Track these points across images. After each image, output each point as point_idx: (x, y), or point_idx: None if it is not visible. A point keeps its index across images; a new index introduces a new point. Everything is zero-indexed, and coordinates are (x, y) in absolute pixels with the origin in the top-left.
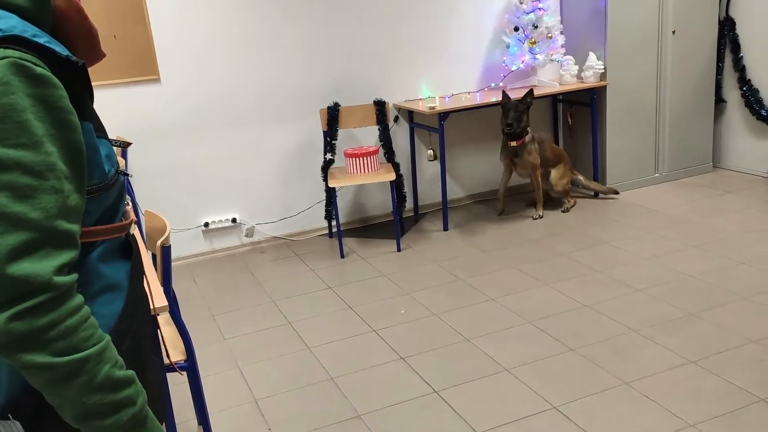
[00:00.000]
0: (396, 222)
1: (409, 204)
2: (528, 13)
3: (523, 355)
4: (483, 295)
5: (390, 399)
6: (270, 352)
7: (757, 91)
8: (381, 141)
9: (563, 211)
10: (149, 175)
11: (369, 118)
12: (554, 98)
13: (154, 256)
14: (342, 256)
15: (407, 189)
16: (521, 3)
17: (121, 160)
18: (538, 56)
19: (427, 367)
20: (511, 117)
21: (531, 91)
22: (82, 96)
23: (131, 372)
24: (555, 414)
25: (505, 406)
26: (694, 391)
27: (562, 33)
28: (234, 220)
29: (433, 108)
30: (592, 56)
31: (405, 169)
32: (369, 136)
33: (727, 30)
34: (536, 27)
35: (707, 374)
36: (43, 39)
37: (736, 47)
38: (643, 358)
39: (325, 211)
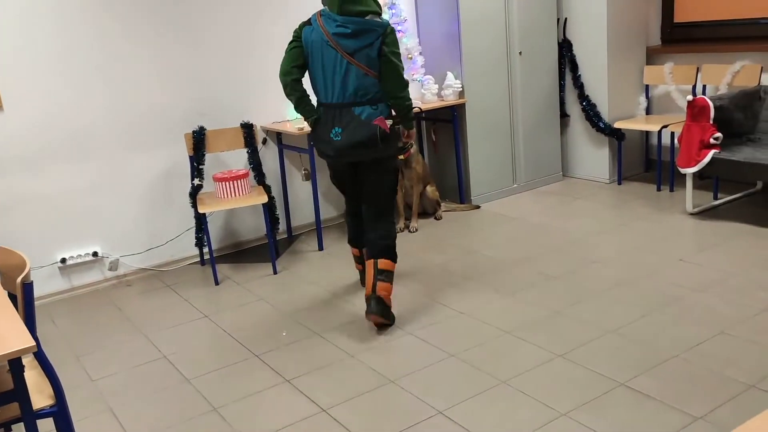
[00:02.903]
0: (270, 245)
1: (282, 226)
2: None
3: (406, 365)
4: (362, 311)
5: (278, 423)
6: (145, 389)
7: (594, 105)
8: (250, 164)
9: (437, 218)
10: None
11: (237, 141)
12: (418, 116)
13: (12, 296)
14: (216, 283)
15: (279, 211)
16: None
17: None
18: None
19: (313, 387)
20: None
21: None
22: None
23: None
24: (441, 419)
25: (393, 417)
26: (563, 382)
27: (421, 54)
28: (95, 254)
29: (301, 129)
30: (450, 75)
31: (276, 191)
32: (238, 159)
33: (565, 51)
34: None
35: (573, 366)
36: None
37: (574, 66)
38: (517, 357)
39: (196, 238)
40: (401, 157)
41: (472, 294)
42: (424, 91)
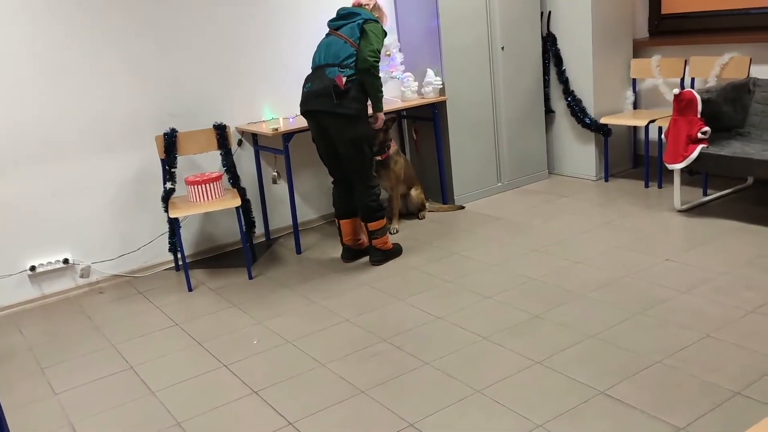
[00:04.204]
0: (245, 249)
1: (259, 229)
2: None
3: (379, 375)
4: (337, 317)
5: None
6: (108, 402)
7: (580, 101)
8: (224, 166)
9: (420, 218)
10: None
11: (210, 143)
12: (398, 114)
13: None
14: (190, 290)
15: (256, 214)
16: None
17: None
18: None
19: (281, 399)
20: (378, 140)
21: (392, 118)
22: None
23: None
24: (412, 431)
25: (362, 430)
26: (540, 391)
27: (400, 51)
28: (66, 261)
29: (276, 130)
30: (430, 72)
31: (252, 194)
32: (212, 161)
33: (549, 45)
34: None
35: (552, 373)
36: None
37: (559, 61)
38: (493, 364)
39: (169, 243)
40: (378, 158)
41: (450, 298)
42: (404, 88)
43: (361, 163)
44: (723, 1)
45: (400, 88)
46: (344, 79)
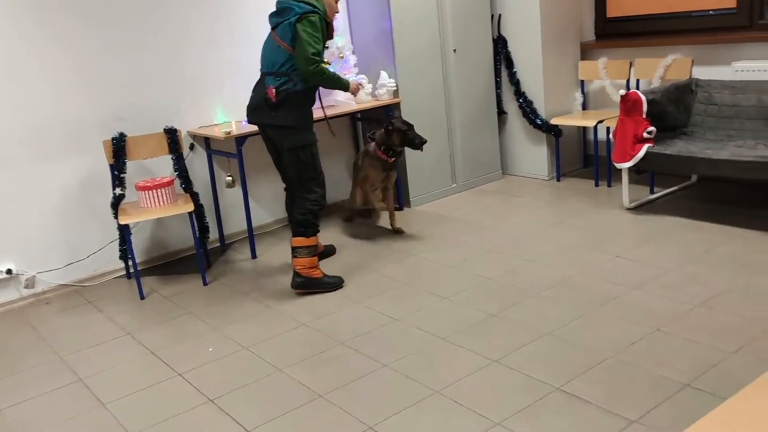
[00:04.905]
0: (199, 254)
1: (213, 234)
2: None
3: (337, 379)
4: (294, 321)
5: None
6: (57, 416)
7: (531, 102)
8: (176, 171)
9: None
10: None
11: (161, 147)
12: (353, 117)
13: None
14: (142, 298)
15: (210, 219)
16: None
17: None
18: None
19: (238, 406)
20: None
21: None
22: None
23: None
24: None
25: None
26: (498, 389)
27: (353, 53)
28: (9, 272)
29: (229, 133)
30: (383, 75)
31: (206, 198)
32: (163, 166)
33: (500, 48)
34: (327, 47)
35: (508, 371)
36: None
37: (510, 63)
38: (451, 365)
39: (120, 250)
40: (392, 160)
41: (407, 299)
42: None
43: (300, 172)
44: (665, 4)
45: None
46: (275, 91)
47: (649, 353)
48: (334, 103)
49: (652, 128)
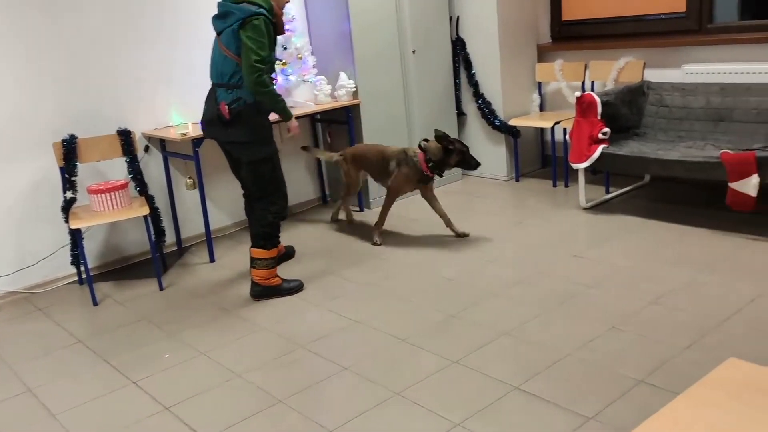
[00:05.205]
0: (155, 259)
1: (170, 238)
2: None
3: (297, 383)
4: (254, 325)
5: None
6: (4, 429)
7: (490, 103)
8: (130, 173)
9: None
10: None
11: (114, 149)
12: (312, 118)
13: None
14: (95, 304)
15: (167, 222)
16: None
17: None
18: (290, 77)
19: (195, 414)
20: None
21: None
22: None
23: None
24: None
25: None
26: (458, 389)
27: (312, 54)
28: None
29: (185, 135)
30: (342, 76)
31: (162, 201)
32: (117, 169)
33: (459, 49)
34: (285, 48)
35: (469, 371)
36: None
37: (468, 65)
38: (412, 366)
39: (71, 255)
40: (430, 174)
41: (368, 301)
42: (317, 92)
43: (260, 185)
44: (618, 8)
45: (313, 91)
46: (227, 108)
47: (605, 351)
48: (292, 104)
49: (606, 129)
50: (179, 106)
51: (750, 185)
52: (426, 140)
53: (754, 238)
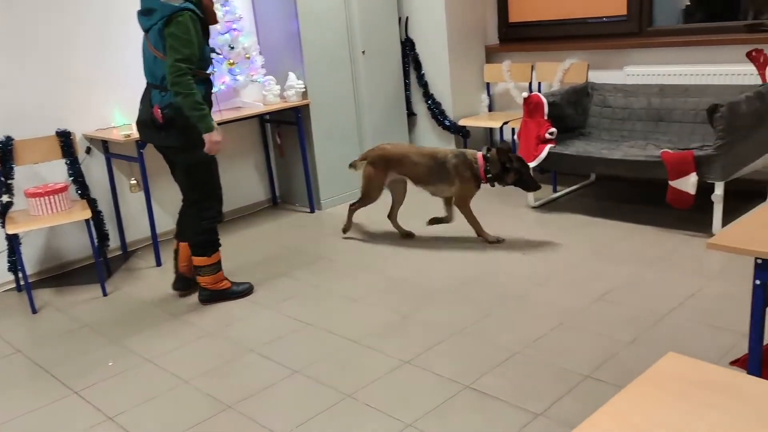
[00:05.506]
0: (98, 263)
1: (114, 242)
2: (223, 34)
3: (246, 388)
4: (202, 330)
5: None
6: None
7: (439, 103)
8: (71, 176)
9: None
10: None
11: (53, 151)
12: (261, 119)
13: None
14: (34, 311)
15: (110, 225)
16: None
17: None
18: (238, 77)
19: (140, 423)
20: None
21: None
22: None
23: None
24: None
25: None
26: (409, 390)
27: (260, 53)
28: None
29: (128, 136)
30: (291, 76)
31: (106, 204)
32: (58, 171)
33: (409, 50)
34: (233, 48)
35: (420, 371)
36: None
37: (418, 65)
38: (363, 368)
39: (9, 262)
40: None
41: (319, 303)
42: (266, 92)
43: (196, 189)
44: (563, 10)
45: (261, 91)
46: (160, 112)
47: (553, 347)
48: (240, 104)
49: (553, 129)
50: (122, 106)
51: (689, 183)
52: (490, 149)
53: (693, 235)
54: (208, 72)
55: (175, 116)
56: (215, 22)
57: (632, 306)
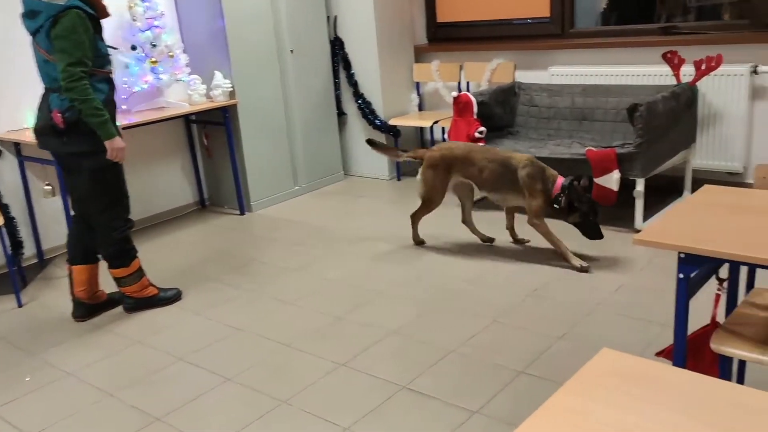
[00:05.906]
0: (11, 273)
1: (30, 250)
2: (144, 31)
3: (176, 398)
4: (127, 340)
5: None
6: None
7: (370, 103)
8: None
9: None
10: None
11: None
12: (186, 119)
13: None
14: None
15: (25, 233)
16: (135, 20)
17: None
18: (162, 76)
19: None
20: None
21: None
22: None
23: None
24: None
25: None
26: (346, 393)
27: (184, 52)
28: None
29: None
30: (218, 75)
31: (20, 210)
32: None
33: (338, 49)
34: (155, 46)
35: (356, 373)
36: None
37: (347, 64)
38: (298, 372)
39: None
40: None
41: (251, 307)
42: (191, 92)
43: (103, 195)
44: (489, 11)
45: (186, 91)
46: (61, 116)
47: (487, 344)
48: (164, 104)
49: (482, 128)
50: (35, 107)
51: (612, 180)
52: (579, 181)
53: (617, 230)
54: (106, 70)
55: (79, 120)
56: (107, 15)
57: (561, 300)
